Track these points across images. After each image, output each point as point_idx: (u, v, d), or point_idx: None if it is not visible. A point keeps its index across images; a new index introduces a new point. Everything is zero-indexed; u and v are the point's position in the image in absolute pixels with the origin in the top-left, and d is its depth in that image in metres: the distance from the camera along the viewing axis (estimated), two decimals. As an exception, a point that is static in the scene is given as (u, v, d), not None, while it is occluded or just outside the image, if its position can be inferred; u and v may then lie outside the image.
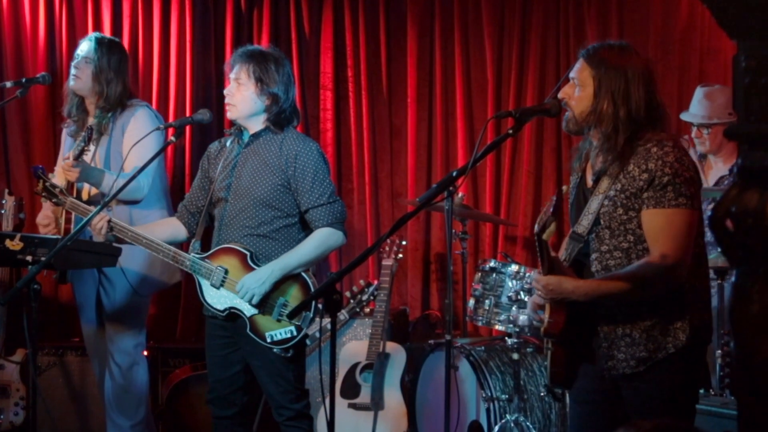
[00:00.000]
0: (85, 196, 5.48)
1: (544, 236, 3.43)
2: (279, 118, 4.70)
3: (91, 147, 5.47)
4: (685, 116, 5.96)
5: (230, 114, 4.72)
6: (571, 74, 3.66)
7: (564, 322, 3.59)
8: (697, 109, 5.89)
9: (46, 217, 5.53)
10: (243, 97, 4.67)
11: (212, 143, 4.97)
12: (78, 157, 5.21)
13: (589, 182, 3.69)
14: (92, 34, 5.79)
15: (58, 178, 5.49)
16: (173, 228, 4.93)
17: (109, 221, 4.67)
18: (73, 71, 5.61)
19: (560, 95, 3.66)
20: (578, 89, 3.62)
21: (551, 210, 3.42)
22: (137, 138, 5.20)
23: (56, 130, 6.59)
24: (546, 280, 3.53)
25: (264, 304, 4.58)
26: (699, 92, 5.95)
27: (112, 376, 5.67)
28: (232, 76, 4.71)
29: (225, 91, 4.73)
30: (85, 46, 5.65)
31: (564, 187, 3.46)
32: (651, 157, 3.48)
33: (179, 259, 4.68)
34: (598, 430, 3.73)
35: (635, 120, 3.54)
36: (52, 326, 6.90)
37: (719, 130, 5.73)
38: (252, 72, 4.66)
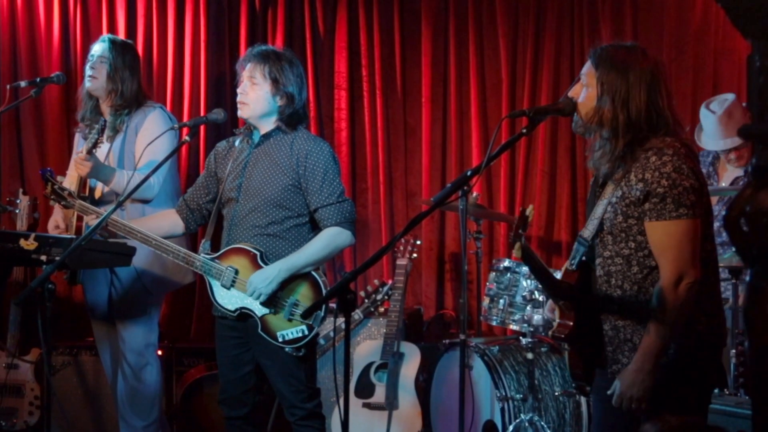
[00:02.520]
0: (97, 195, 5.49)
1: (514, 253, 3.52)
2: (291, 119, 4.71)
3: (106, 142, 5.48)
4: (717, 145, 5.72)
5: (242, 113, 4.72)
6: (581, 73, 3.65)
7: (572, 326, 3.61)
8: (726, 132, 5.62)
9: (55, 227, 5.55)
10: (257, 97, 4.67)
11: (220, 142, 4.98)
12: (91, 150, 5.21)
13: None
14: (105, 36, 5.81)
15: (69, 179, 5.50)
16: (171, 222, 4.94)
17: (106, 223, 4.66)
18: (89, 72, 5.64)
19: (570, 94, 3.65)
20: (585, 89, 3.60)
21: (515, 231, 3.49)
22: (151, 138, 5.22)
23: (70, 130, 6.60)
24: None
25: (274, 303, 4.58)
26: (713, 115, 5.70)
27: (124, 377, 5.67)
28: (245, 74, 4.71)
29: (238, 90, 4.73)
30: (98, 47, 5.68)
31: (530, 207, 3.50)
32: (649, 166, 3.45)
33: (190, 260, 4.68)
34: (616, 427, 3.72)
35: (635, 125, 3.50)
36: (66, 326, 6.90)
37: None
38: (268, 72, 4.66)
